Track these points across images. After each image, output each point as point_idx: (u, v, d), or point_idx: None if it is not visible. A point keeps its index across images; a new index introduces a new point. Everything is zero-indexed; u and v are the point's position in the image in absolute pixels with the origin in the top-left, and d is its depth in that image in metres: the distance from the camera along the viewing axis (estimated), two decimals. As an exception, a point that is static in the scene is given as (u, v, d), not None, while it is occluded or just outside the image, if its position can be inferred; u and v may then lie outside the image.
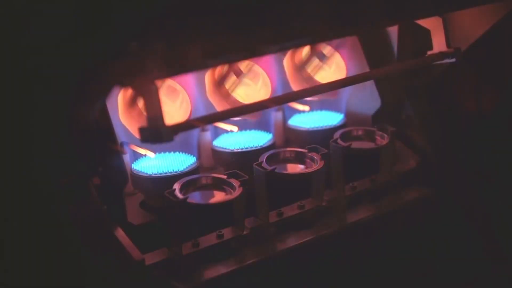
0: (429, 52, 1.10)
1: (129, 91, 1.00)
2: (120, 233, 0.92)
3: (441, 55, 1.08)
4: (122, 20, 0.79)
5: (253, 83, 1.13)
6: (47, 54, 0.81)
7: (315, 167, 1.03)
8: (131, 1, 0.80)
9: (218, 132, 1.14)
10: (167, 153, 1.07)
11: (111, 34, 0.79)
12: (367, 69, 1.17)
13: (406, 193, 1.12)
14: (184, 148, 1.07)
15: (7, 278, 0.86)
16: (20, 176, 0.85)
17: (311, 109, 1.20)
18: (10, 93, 0.83)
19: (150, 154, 1.04)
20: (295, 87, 1.17)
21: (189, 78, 1.08)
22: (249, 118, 1.12)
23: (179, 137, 0.85)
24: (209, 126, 1.13)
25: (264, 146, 1.10)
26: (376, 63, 1.16)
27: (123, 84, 0.81)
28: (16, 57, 0.81)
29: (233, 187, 0.98)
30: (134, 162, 1.05)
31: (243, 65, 1.07)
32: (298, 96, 1.06)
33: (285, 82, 1.17)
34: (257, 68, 1.13)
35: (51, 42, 0.80)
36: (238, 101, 1.09)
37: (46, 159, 0.86)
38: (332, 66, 1.19)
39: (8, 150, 0.84)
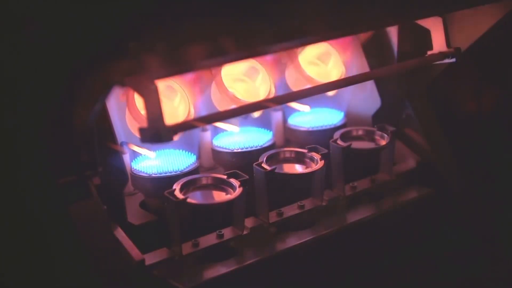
0: (429, 52, 1.10)
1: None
2: (120, 233, 0.92)
3: (441, 55, 1.08)
4: (122, 20, 0.79)
5: (251, 80, 1.13)
6: (47, 53, 0.81)
7: (315, 167, 1.03)
8: (131, 1, 0.80)
9: (218, 132, 1.14)
10: (168, 149, 1.07)
11: (111, 34, 0.79)
12: (367, 69, 1.17)
13: (406, 193, 1.12)
14: (185, 146, 1.07)
15: (7, 277, 0.86)
16: (20, 176, 0.85)
17: (311, 108, 1.20)
18: (10, 93, 0.83)
19: (150, 154, 1.04)
20: (294, 86, 1.17)
21: (189, 78, 1.08)
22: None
23: (180, 135, 0.85)
24: (209, 126, 1.13)
25: (264, 146, 1.10)
26: (376, 63, 1.16)
27: (123, 84, 0.81)
28: (16, 57, 0.81)
29: (233, 187, 0.98)
30: (134, 161, 1.05)
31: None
32: (298, 96, 1.06)
33: (284, 80, 1.17)
34: (256, 65, 1.13)
35: (51, 42, 0.80)
36: (237, 98, 1.09)
37: (47, 159, 0.86)
38: (330, 63, 1.19)
39: (8, 150, 0.84)
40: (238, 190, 0.96)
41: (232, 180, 0.98)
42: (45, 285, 0.87)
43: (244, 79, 1.13)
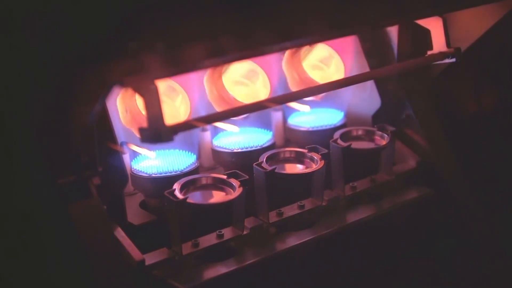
0: (429, 52, 1.10)
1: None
2: (120, 233, 0.92)
3: (441, 55, 1.08)
4: (122, 20, 0.79)
5: (252, 83, 1.13)
6: (47, 53, 0.81)
7: (315, 167, 1.03)
8: (131, 1, 0.80)
9: (218, 132, 1.14)
10: (168, 149, 1.07)
11: (111, 34, 0.79)
12: (367, 69, 1.17)
13: (406, 193, 1.12)
14: (185, 146, 1.07)
15: (7, 277, 0.86)
16: (20, 176, 0.85)
17: (311, 108, 1.20)
18: (10, 93, 0.83)
19: (150, 154, 1.04)
20: (294, 87, 1.17)
21: (189, 78, 1.08)
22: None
23: (180, 135, 0.85)
24: (209, 126, 1.13)
25: (264, 146, 1.10)
26: (376, 63, 1.16)
27: (123, 84, 0.81)
28: (16, 57, 0.81)
29: (233, 187, 0.98)
30: (134, 161, 1.05)
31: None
32: (298, 96, 1.06)
33: (285, 82, 1.17)
34: (256, 68, 1.13)
35: (51, 42, 0.80)
36: (237, 100, 1.09)
37: (47, 159, 0.86)
38: (331, 66, 1.19)
39: (8, 150, 0.84)
40: (238, 190, 0.96)
41: (232, 180, 0.98)
42: (45, 285, 0.87)
43: (244, 82, 1.13)
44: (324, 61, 1.19)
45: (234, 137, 1.12)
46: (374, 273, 1.07)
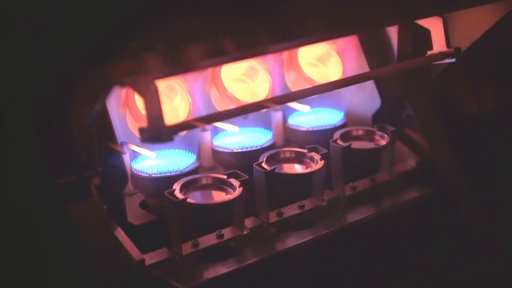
0: (429, 52, 1.10)
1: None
2: (120, 233, 0.92)
3: (441, 55, 1.08)
4: (122, 20, 0.79)
5: (251, 80, 1.13)
6: (47, 53, 0.81)
7: (315, 167, 1.03)
8: (131, 1, 0.80)
9: (218, 132, 1.14)
10: (168, 149, 1.07)
11: (111, 34, 0.79)
12: (367, 69, 1.17)
13: (406, 193, 1.12)
14: (185, 146, 1.07)
15: (7, 278, 0.86)
16: (20, 176, 0.85)
17: (311, 107, 1.20)
18: (10, 93, 0.83)
19: (150, 154, 1.04)
20: (294, 86, 1.17)
21: (189, 77, 1.08)
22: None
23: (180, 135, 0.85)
24: (209, 126, 1.13)
25: (264, 146, 1.10)
26: (376, 63, 1.16)
27: (123, 84, 0.81)
28: (16, 57, 0.81)
29: (233, 187, 0.98)
30: (134, 161, 1.05)
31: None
32: (298, 96, 1.06)
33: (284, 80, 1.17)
34: (255, 65, 1.13)
35: (51, 42, 0.80)
36: (236, 98, 1.09)
37: (47, 159, 0.86)
38: (329, 64, 1.19)
39: (8, 150, 0.84)
40: (238, 190, 0.96)
41: (232, 180, 0.98)
42: (45, 285, 0.87)
43: (244, 79, 1.13)
44: (322, 59, 1.19)
45: (234, 137, 1.12)
46: (374, 273, 1.07)
